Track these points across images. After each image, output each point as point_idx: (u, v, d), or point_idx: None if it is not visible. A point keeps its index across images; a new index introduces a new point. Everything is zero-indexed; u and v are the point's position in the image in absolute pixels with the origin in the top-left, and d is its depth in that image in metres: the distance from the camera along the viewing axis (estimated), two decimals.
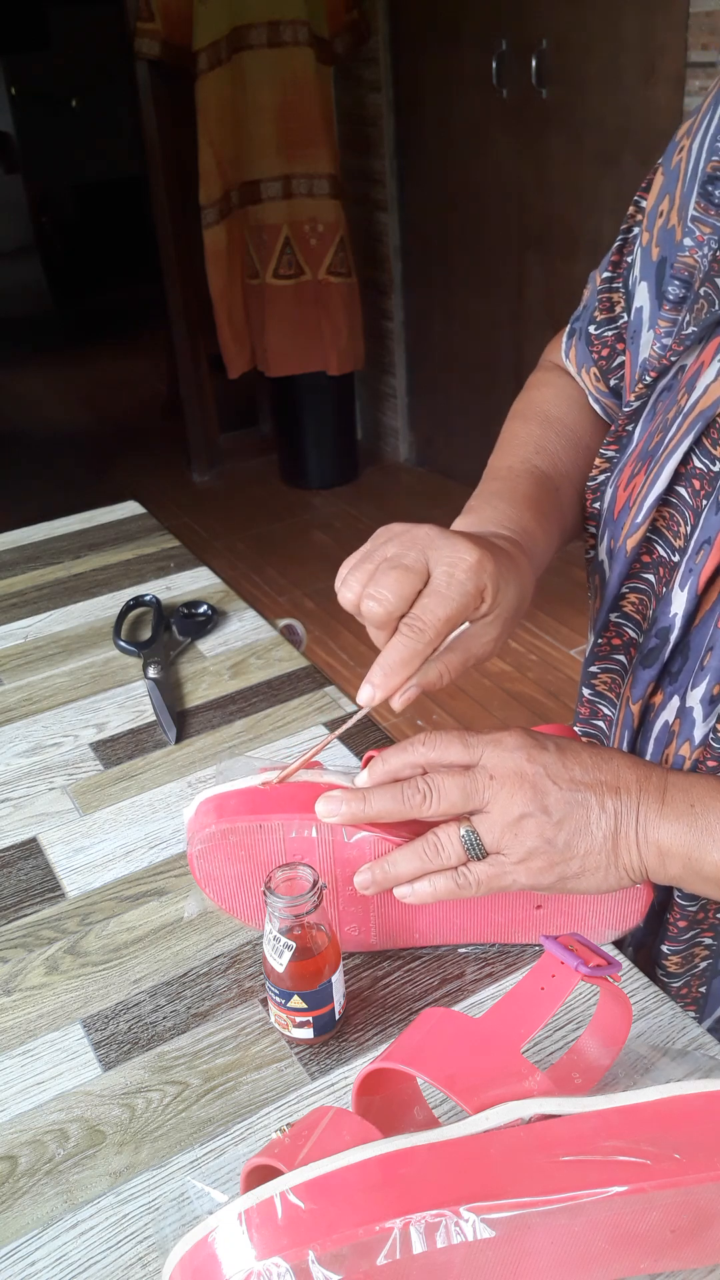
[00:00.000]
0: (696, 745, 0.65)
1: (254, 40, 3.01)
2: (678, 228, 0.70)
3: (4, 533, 1.29)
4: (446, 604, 0.57)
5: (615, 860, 0.57)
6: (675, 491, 0.67)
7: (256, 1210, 0.42)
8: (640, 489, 0.68)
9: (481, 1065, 0.47)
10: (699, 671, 0.65)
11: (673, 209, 0.71)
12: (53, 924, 0.72)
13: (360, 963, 0.67)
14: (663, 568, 0.69)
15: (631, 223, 0.78)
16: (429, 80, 3.11)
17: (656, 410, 0.70)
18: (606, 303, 0.80)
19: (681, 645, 0.67)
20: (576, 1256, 0.46)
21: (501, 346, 3.17)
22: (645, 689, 0.69)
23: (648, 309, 0.74)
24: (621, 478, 0.72)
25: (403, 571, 0.58)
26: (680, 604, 0.66)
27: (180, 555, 1.21)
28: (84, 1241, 0.53)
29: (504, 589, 0.60)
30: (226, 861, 0.64)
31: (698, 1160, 0.44)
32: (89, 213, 6.46)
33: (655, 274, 0.73)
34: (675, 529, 0.67)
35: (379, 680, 0.58)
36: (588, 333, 0.81)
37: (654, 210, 0.74)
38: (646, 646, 0.69)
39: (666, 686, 0.69)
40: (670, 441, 0.66)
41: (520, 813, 0.56)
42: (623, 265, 0.78)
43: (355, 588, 0.59)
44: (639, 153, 2.50)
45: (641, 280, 0.75)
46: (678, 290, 0.68)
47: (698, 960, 0.72)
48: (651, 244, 0.74)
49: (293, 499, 3.71)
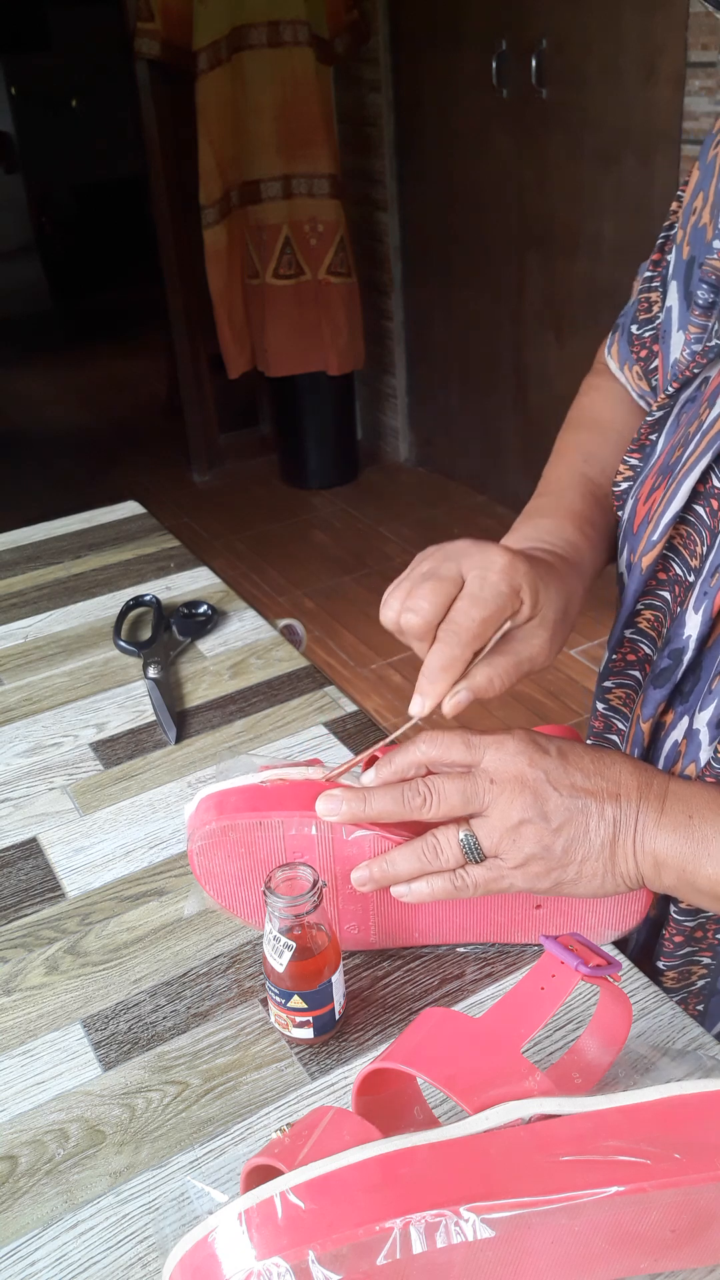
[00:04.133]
0: (701, 767, 0.65)
1: (254, 40, 3.01)
2: (709, 226, 0.68)
3: (4, 533, 1.29)
4: (481, 606, 0.58)
5: (612, 867, 0.57)
6: (693, 510, 0.66)
7: (256, 1210, 0.42)
8: (659, 505, 0.67)
9: (481, 1065, 0.47)
10: (708, 694, 0.64)
11: (706, 206, 0.69)
12: (53, 924, 0.72)
13: (360, 963, 0.67)
14: (678, 586, 0.68)
15: (673, 219, 0.76)
16: (429, 80, 3.11)
17: (680, 422, 0.69)
18: (646, 302, 0.78)
19: (694, 666, 0.66)
20: (576, 1256, 0.46)
21: (501, 346, 3.17)
22: (656, 708, 0.68)
23: (677, 309, 0.73)
24: (643, 490, 0.71)
25: (436, 582, 0.59)
26: (694, 626, 0.65)
27: (180, 555, 1.21)
28: (84, 1241, 0.53)
29: (544, 592, 0.61)
30: (226, 858, 0.64)
31: (698, 1160, 0.44)
32: (89, 213, 6.45)
33: (685, 274, 0.72)
34: (692, 548, 0.67)
35: (425, 688, 0.58)
36: (630, 331, 0.80)
37: (688, 207, 0.72)
38: (659, 666, 0.68)
39: (677, 706, 0.68)
40: (689, 459, 0.65)
41: (520, 818, 0.56)
42: (663, 264, 0.77)
43: (395, 605, 0.60)
44: (639, 153, 2.50)
45: (673, 279, 0.74)
46: (706, 295, 0.66)
47: (694, 978, 0.72)
48: (684, 242, 0.72)
49: (293, 499, 3.71)
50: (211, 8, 2.97)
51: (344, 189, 3.28)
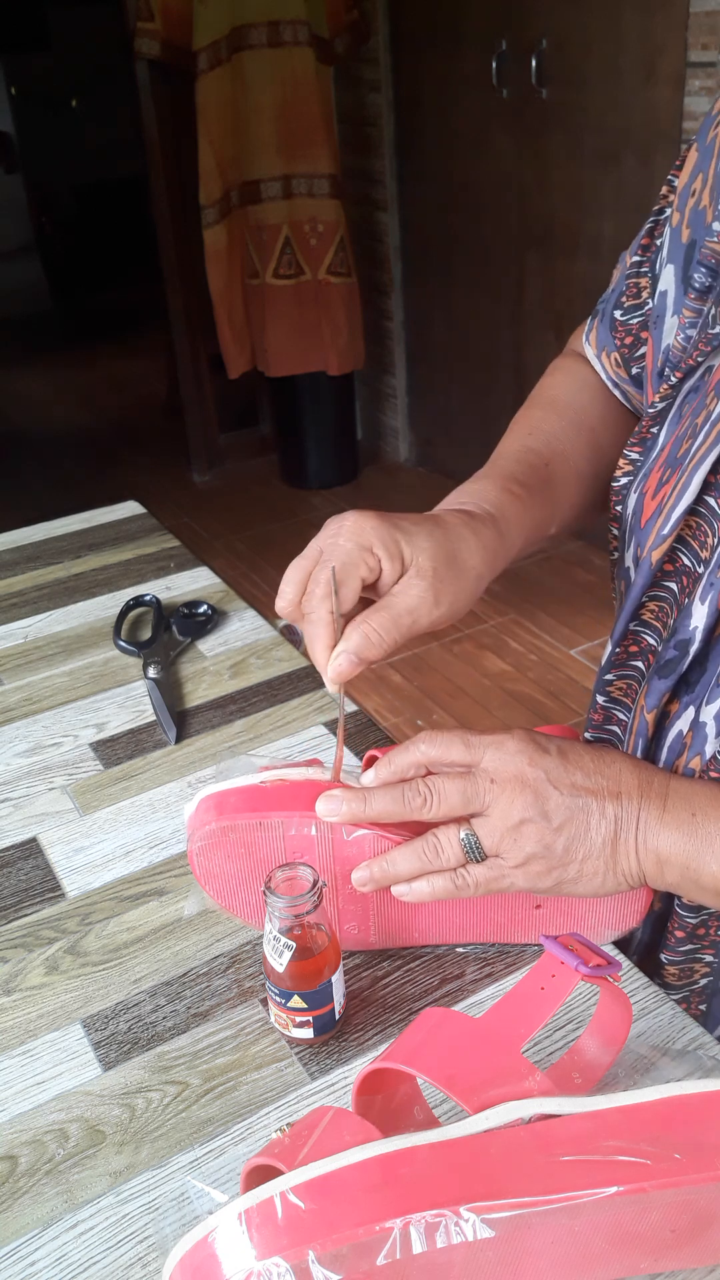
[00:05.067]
0: (707, 760, 0.64)
1: (254, 40, 3.01)
2: (709, 209, 0.67)
3: (4, 533, 1.29)
4: (326, 566, 0.61)
5: (614, 866, 0.57)
6: (704, 501, 0.65)
7: (256, 1210, 0.42)
8: (670, 497, 0.67)
9: (481, 1065, 0.47)
10: (715, 686, 0.64)
11: (705, 188, 0.68)
12: (53, 924, 0.72)
13: (360, 963, 0.67)
14: (685, 577, 0.68)
15: (664, 203, 0.75)
16: (429, 80, 3.11)
17: (683, 413, 0.69)
18: (634, 288, 0.77)
19: (701, 658, 0.66)
20: (576, 1256, 0.46)
21: (501, 346, 3.17)
22: (660, 698, 0.68)
23: (672, 293, 0.72)
24: (648, 484, 0.70)
25: (295, 561, 0.63)
26: (701, 618, 0.65)
27: (180, 555, 1.21)
28: (84, 1241, 0.53)
29: (407, 544, 0.62)
30: (226, 859, 0.64)
31: (698, 1160, 0.44)
32: (89, 213, 6.45)
33: (684, 257, 0.70)
34: (702, 539, 0.66)
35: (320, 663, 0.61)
36: (612, 317, 0.79)
37: (686, 189, 0.71)
38: (664, 657, 0.68)
39: (683, 697, 0.68)
40: (699, 450, 0.64)
41: (520, 817, 0.56)
42: (652, 248, 0.76)
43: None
44: (639, 152, 2.50)
45: (669, 263, 0.72)
46: (704, 278, 0.66)
47: (697, 976, 0.72)
48: (682, 225, 0.71)
49: (293, 499, 3.71)
50: (211, 8, 2.97)
51: (344, 189, 3.28)
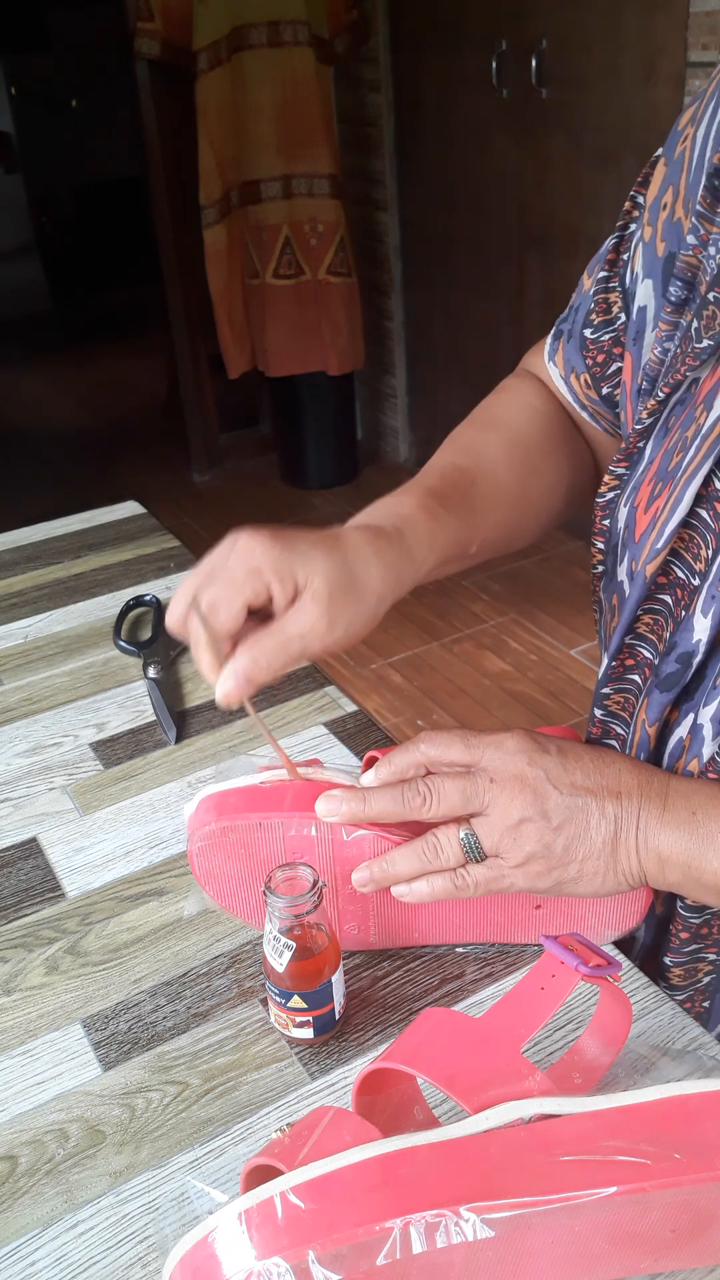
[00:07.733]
0: (704, 763, 0.64)
1: (254, 40, 3.01)
2: (684, 220, 0.68)
3: (4, 533, 1.29)
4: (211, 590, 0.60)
5: (614, 866, 0.57)
6: (696, 514, 0.65)
7: (256, 1210, 0.42)
8: (663, 511, 0.67)
9: (481, 1065, 0.47)
10: (712, 690, 0.64)
11: (677, 201, 0.69)
12: (53, 924, 0.72)
13: (360, 963, 0.67)
14: (680, 589, 0.67)
15: (628, 219, 0.75)
16: (429, 80, 3.11)
17: (670, 427, 0.68)
18: (604, 304, 0.76)
19: (701, 668, 0.66)
20: (576, 1256, 0.46)
21: (501, 347, 3.17)
22: (662, 711, 0.68)
23: (652, 308, 0.72)
24: (639, 497, 0.70)
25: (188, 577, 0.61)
26: (704, 630, 0.65)
27: (180, 555, 1.21)
28: (84, 1241, 0.53)
29: (301, 567, 0.60)
30: (226, 859, 0.64)
31: (698, 1160, 0.44)
32: (89, 213, 6.45)
33: (662, 270, 0.71)
34: (695, 551, 0.66)
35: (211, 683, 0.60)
36: (582, 336, 0.78)
37: (656, 203, 0.71)
38: (665, 670, 0.68)
39: (683, 704, 0.68)
40: (690, 464, 0.64)
41: (520, 817, 0.56)
42: (619, 264, 0.75)
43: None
44: (639, 153, 2.49)
45: (646, 278, 0.72)
46: (679, 291, 0.66)
47: (701, 975, 0.72)
48: (656, 238, 0.71)
49: (293, 499, 3.71)
50: (211, 8, 2.97)
51: (344, 189, 3.28)
